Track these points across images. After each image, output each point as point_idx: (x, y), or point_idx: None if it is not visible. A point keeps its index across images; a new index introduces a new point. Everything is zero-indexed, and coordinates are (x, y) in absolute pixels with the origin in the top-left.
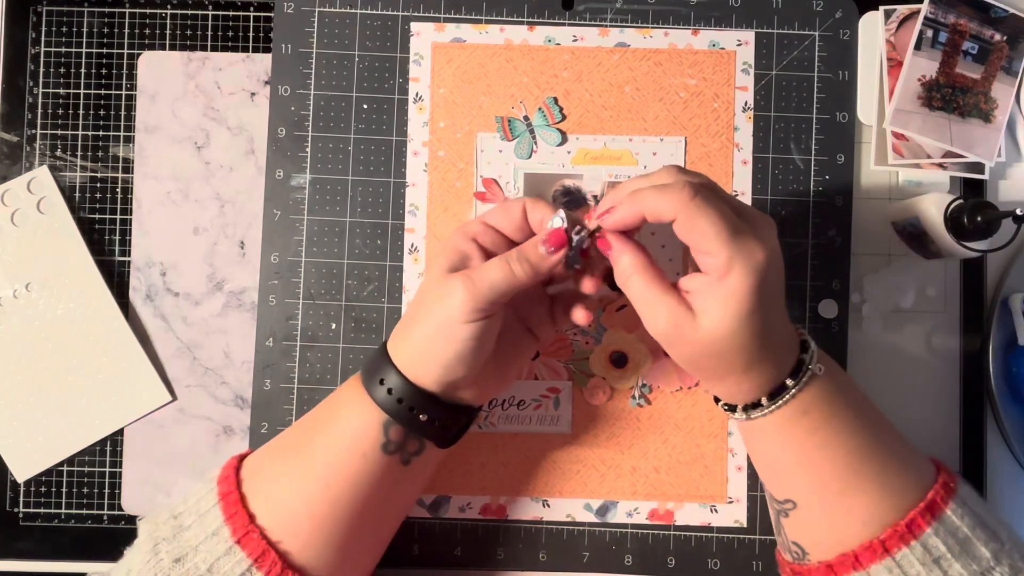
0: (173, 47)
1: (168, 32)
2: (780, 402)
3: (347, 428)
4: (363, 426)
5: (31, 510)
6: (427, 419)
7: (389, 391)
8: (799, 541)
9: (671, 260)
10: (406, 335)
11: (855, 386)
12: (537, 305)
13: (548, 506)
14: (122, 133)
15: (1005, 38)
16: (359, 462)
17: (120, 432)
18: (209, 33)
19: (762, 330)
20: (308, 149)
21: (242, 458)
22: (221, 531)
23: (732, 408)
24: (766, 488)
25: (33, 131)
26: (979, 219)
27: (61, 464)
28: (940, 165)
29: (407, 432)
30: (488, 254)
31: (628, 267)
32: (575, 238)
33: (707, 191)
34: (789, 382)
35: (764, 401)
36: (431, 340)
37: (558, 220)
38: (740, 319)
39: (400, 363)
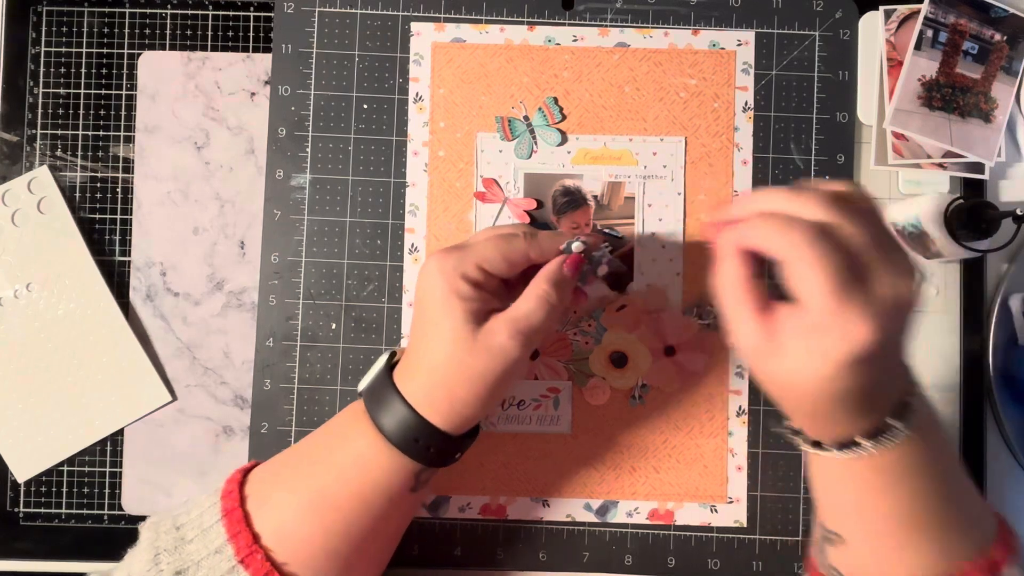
0: (173, 47)
1: (168, 32)
2: (849, 453)
3: (372, 476)
4: (393, 476)
5: (31, 510)
6: (458, 456)
7: (428, 448)
8: (840, 569)
9: (671, 260)
10: (440, 391)
11: (943, 441)
12: (506, 301)
13: (548, 506)
14: (122, 133)
15: (1005, 38)
16: (383, 505)
17: (120, 432)
18: (209, 33)
19: (852, 389)
20: (308, 149)
21: (245, 472)
22: (224, 549)
23: (796, 432)
24: (816, 509)
25: (33, 131)
26: (979, 219)
27: (61, 464)
28: (940, 165)
29: (433, 470)
30: (488, 288)
31: (728, 274)
32: (596, 255)
33: (832, 236)
34: (864, 442)
35: (830, 447)
36: (480, 398)
37: (579, 244)
38: (817, 377)
39: (433, 415)
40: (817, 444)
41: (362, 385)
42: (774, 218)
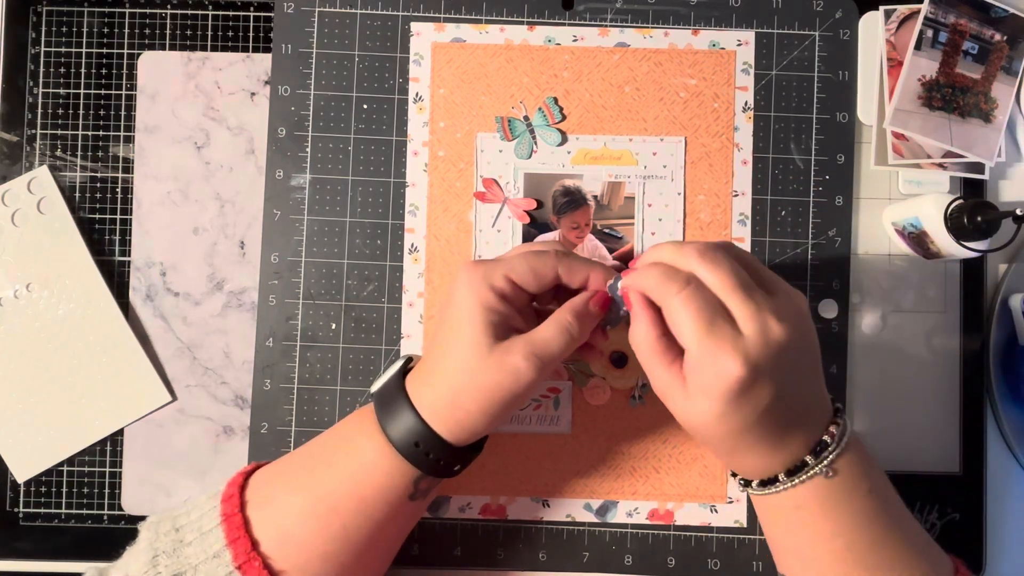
0: (173, 47)
1: (168, 32)
2: (768, 489)
3: (372, 482)
4: (391, 481)
5: (31, 510)
6: (459, 468)
7: (428, 454)
8: None
9: None
10: (446, 398)
11: (874, 476)
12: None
13: (548, 506)
14: (122, 133)
15: (1005, 38)
16: (383, 511)
17: (120, 432)
18: (209, 33)
19: (748, 423)
20: (308, 149)
21: (247, 475)
22: (223, 555)
23: (733, 474)
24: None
25: (33, 131)
26: (979, 219)
27: (61, 464)
28: (940, 165)
29: (434, 479)
30: (515, 303)
31: (641, 332)
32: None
33: (696, 285)
34: (782, 477)
35: (754, 485)
36: (486, 413)
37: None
38: (711, 414)
39: (436, 422)
40: (748, 484)
41: (374, 387)
42: (656, 267)
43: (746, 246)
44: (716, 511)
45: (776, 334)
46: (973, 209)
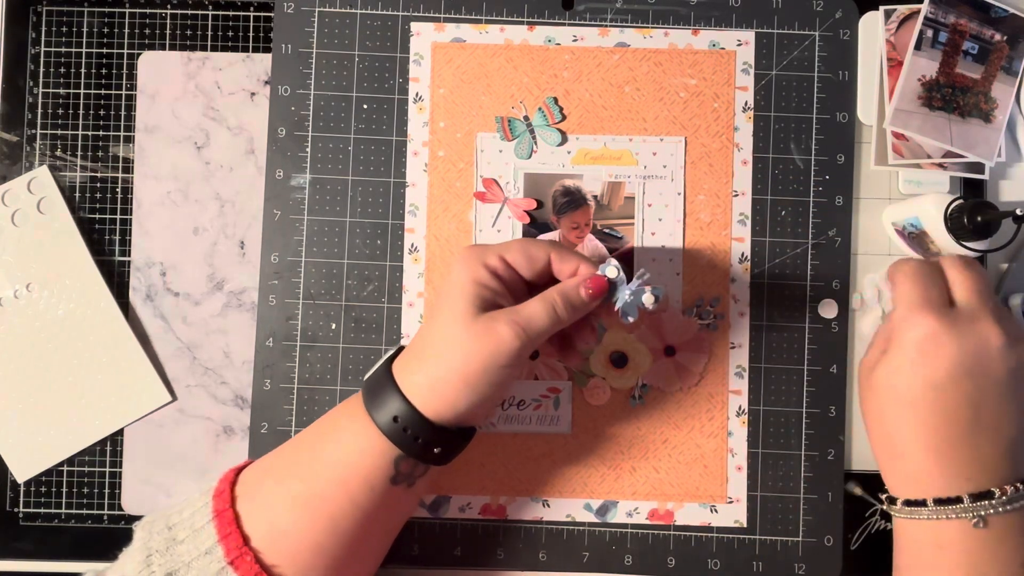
0: (173, 47)
1: (168, 32)
2: (914, 514)
3: (355, 463)
4: (373, 462)
5: (31, 510)
6: (440, 451)
7: (405, 430)
8: None
9: (671, 260)
10: (429, 371)
11: None
12: None
13: (548, 506)
14: (122, 133)
15: (1005, 38)
16: (367, 496)
17: (120, 432)
18: (209, 33)
19: (928, 390)
20: (308, 149)
21: (238, 471)
22: (214, 551)
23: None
24: None
25: (33, 131)
26: (979, 219)
27: (61, 464)
28: (940, 165)
29: (417, 463)
30: (507, 283)
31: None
32: (634, 287)
33: (928, 264)
34: (930, 502)
35: (899, 503)
36: (467, 383)
37: (612, 270)
38: (905, 364)
39: (416, 397)
40: (894, 501)
41: (367, 376)
42: (901, 259)
43: (746, 246)
44: (716, 511)
45: (985, 327)
46: (973, 209)
